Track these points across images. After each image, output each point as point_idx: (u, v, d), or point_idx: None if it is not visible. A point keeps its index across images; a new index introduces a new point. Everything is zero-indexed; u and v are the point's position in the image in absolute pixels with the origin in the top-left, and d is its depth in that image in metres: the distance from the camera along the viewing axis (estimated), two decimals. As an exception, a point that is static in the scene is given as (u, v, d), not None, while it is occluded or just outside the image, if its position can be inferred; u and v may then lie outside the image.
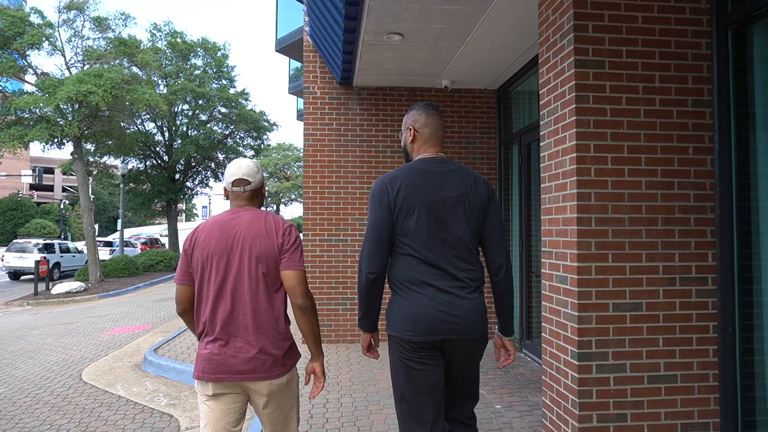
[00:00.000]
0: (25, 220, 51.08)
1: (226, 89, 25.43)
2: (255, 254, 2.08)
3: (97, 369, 5.86)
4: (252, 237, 2.10)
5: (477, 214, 2.13)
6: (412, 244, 2.07)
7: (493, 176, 6.70)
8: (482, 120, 6.74)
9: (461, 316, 2.03)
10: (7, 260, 19.72)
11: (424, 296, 2.03)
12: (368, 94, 6.58)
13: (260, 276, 2.08)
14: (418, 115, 2.26)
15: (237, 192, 2.22)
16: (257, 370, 2.05)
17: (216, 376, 2.05)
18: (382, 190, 2.10)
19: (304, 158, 6.51)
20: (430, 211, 2.07)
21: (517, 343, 6.02)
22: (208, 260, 2.09)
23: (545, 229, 3.15)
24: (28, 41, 15.08)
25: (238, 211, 2.19)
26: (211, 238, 2.11)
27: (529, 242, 5.87)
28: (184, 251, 2.17)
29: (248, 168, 2.23)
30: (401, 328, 2.05)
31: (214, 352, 2.05)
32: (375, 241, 2.09)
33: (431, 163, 2.16)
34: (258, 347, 2.05)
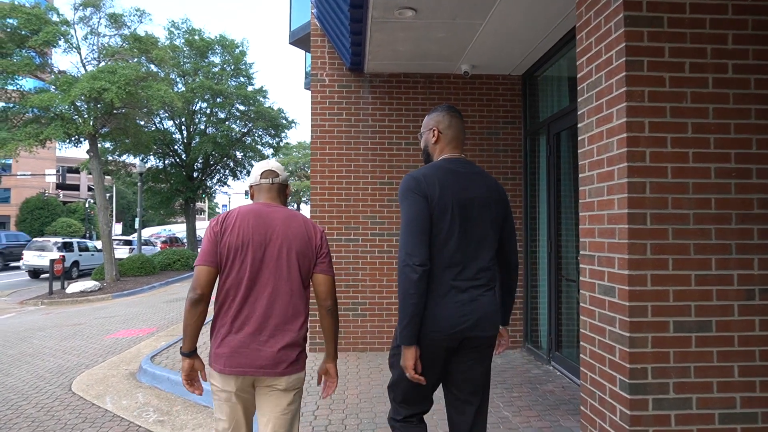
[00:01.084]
0: (52, 219, 51.96)
1: (243, 86, 25.20)
2: (295, 251, 2.08)
3: (89, 378, 5.48)
4: (293, 234, 2.10)
5: (498, 217, 2.18)
6: (440, 241, 2.05)
7: (517, 170, 6.12)
8: (506, 109, 6.16)
9: (480, 315, 2.05)
10: (26, 259, 19.78)
11: (446, 294, 2.03)
12: (381, 82, 6.06)
13: (295, 274, 2.08)
14: (441, 117, 2.27)
15: (265, 184, 2.22)
16: (284, 364, 2.04)
17: (241, 369, 2.02)
18: (418, 185, 2.07)
19: (312, 151, 6.03)
20: (461, 210, 2.08)
21: (545, 354, 5.44)
22: (243, 247, 2.04)
23: (585, 228, 2.59)
24: (43, 38, 14.95)
25: (273, 205, 2.17)
26: (247, 224, 2.07)
27: (559, 242, 5.28)
28: (213, 233, 2.07)
29: (276, 164, 2.29)
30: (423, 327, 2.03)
31: (239, 344, 2.01)
32: (420, 234, 2.02)
33: (458, 164, 2.18)
34: (285, 342, 2.04)
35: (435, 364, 2.09)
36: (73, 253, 20.36)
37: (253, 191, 2.27)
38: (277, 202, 2.23)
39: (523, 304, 6.05)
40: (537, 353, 5.66)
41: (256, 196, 2.26)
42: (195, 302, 2.01)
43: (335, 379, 2.25)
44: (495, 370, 5.13)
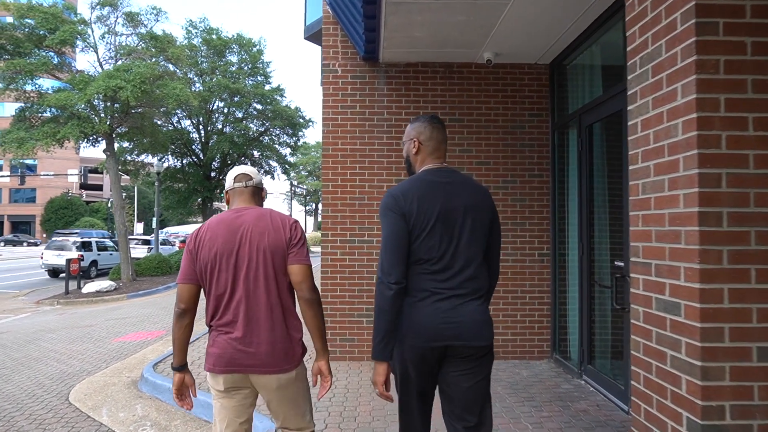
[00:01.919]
0: (76, 218, 52.78)
1: (261, 85, 25.03)
2: (264, 249, 2.11)
3: (89, 386, 5.19)
4: (260, 233, 2.12)
5: (484, 225, 2.16)
6: (422, 253, 2.08)
7: (544, 166, 5.66)
8: (532, 100, 5.71)
9: (463, 322, 2.05)
10: (46, 258, 19.87)
11: (428, 303, 2.06)
12: (397, 72, 5.66)
13: (270, 271, 2.11)
14: (422, 128, 2.27)
15: (239, 188, 2.27)
16: (268, 364, 2.08)
17: (227, 368, 2.08)
18: (396, 202, 2.10)
19: (323, 147, 5.65)
20: (443, 221, 2.09)
21: (575, 366, 4.98)
22: (217, 259, 2.11)
23: (636, 230, 2.16)
24: (60, 37, 14.90)
25: (242, 210, 2.20)
26: (217, 236, 2.12)
27: (591, 245, 4.82)
28: (188, 251, 2.16)
29: (249, 168, 2.33)
30: (404, 334, 2.06)
31: (225, 345, 2.08)
32: (396, 251, 2.06)
33: (439, 174, 2.17)
34: (269, 341, 2.09)
35: (422, 374, 2.11)
36: (92, 252, 20.40)
37: (229, 196, 2.31)
38: (251, 204, 2.26)
39: (550, 311, 5.59)
40: (566, 365, 5.21)
41: (232, 200, 2.30)
42: (179, 316, 2.13)
43: (329, 377, 2.24)
44: (521, 384, 4.70)
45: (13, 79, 14.83)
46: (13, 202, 61.63)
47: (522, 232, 5.63)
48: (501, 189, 5.62)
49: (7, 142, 15.05)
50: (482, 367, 2.13)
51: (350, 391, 4.48)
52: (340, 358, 5.46)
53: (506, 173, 5.64)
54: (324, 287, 5.52)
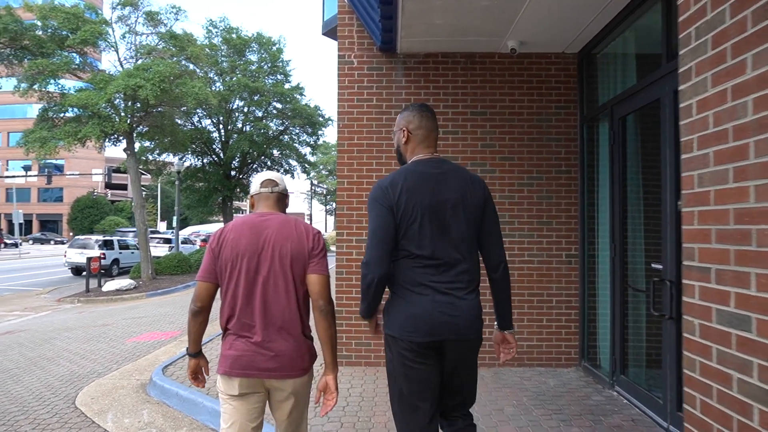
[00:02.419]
0: (101, 217, 53.68)
1: (280, 84, 24.98)
2: (286, 256, 2.13)
3: (98, 388, 5.05)
4: (283, 239, 2.15)
5: (475, 215, 2.13)
6: (414, 246, 2.07)
7: (572, 161, 5.33)
8: (559, 92, 5.38)
9: (460, 317, 2.04)
10: (69, 256, 20.11)
11: (424, 297, 2.05)
12: (416, 63, 5.38)
13: (290, 277, 2.13)
14: (412, 117, 2.24)
15: (265, 193, 2.29)
16: (284, 368, 2.10)
17: (244, 372, 2.09)
18: (384, 194, 2.08)
19: (338, 141, 5.41)
20: (432, 213, 2.06)
21: (606, 376, 4.64)
22: (238, 259, 2.13)
23: (691, 229, 1.85)
24: (81, 37, 14.99)
25: (268, 214, 2.23)
26: (241, 237, 2.14)
27: (624, 245, 4.47)
28: (211, 249, 2.18)
29: (275, 174, 2.36)
30: (401, 330, 2.07)
31: (243, 348, 2.09)
32: (381, 246, 2.06)
33: (428, 165, 2.15)
34: (286, 345, 2.11)
35: (426, 362, 2.08)
36: (114, 250, 20.57)
37: (253, 201, 2.33)
38: (275, 210, 2.29)
39: (578, 316, 5.26)
40: (596, 374, 4.87)
41: (256, 205, 2.32)
42: (195, 313, 2.18)
43: (335, 393, 2.20)
44: (548, 395, 4.38)
45: (35, 78, 14.95)
46: (42, 201, 63.08)
47: (548, 232, 5.31)
48: (526, 186, 5.31)
49: (30, 141, 15.21)
50: (474, 354, 2.18)
51: (365, 400, 4.22)
52: (355, 363, 5.21)
53: (531, 169, 5.33)
54: (339, 289, 5.28)
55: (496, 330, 2.34)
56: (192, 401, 4.29)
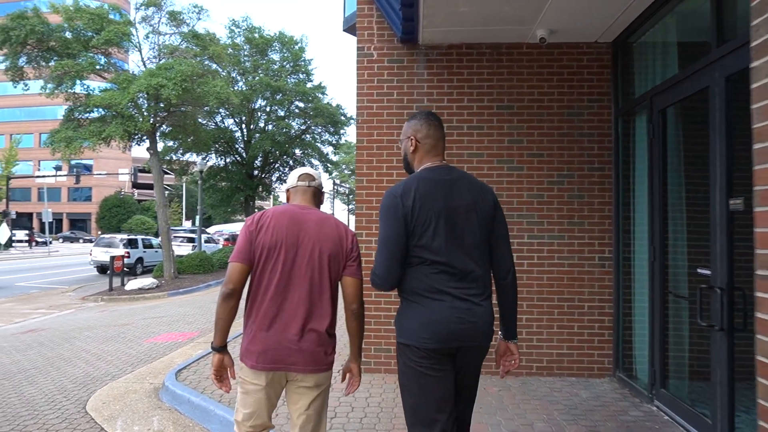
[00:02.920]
0: (128, 217, 54.65)
1: (302, 83, 24.93)
2: (325, 253, 2.14)
3: (110, 392, 4.92)
4: (325, 236, 2.16)
5: (487, 221, 2.13)
6: (428, 252, 2.05)
7: (606, 158, 4.99)
8: (591, 84, 5.05)
9: (477, 323, 2.05)
10: (94, 255, 20.38)
11: (442, 303, 2.03)
12: (438, 55, 5.12)
13: (326, 275, 2.14)
14: (419, 125, 2.24)
15: (302, 186, 2.30)
16: (312, 362, 2.10)
17: (272, 366, 2.08)
18: (396, 203, 2.07)
19: (357, 138, 5.18)
20: (446, 220, 2.06)
21: (644, 389, 4.31)
22: (276, 247, 2.10)
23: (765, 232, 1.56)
24: (105, 37, 15.10)
25: (307, 208, 2.22)
26: (282, 225, 2.12)
27: (665, 247, 4.13)
28: (249, 231, 2.13)
29: (312, 170, 2.37)
30: (417, 337, 2.04)
31: (271, 341, 2.07)
32: (391, 256, 2.04)
33: (439, 172, 2.15)
34: (316, 340, 2.11)
35: (442, 371, 2.05)
36: (138, 249, 20.78)
37: (290, 194, 2.34)
38: (311, 205, 2.28)
39: (612, 323, 4.92)
40: (632, 386, 4.54)
41: (292, 198, 2.31)
42: (227, 296, 2.08)
43: (358, 377, 2.33)
44: (581, 409, 4.08)
45: (61, 79, 15.12)
46: (72, 200, 64.61)
47: (580, 233, 4.98)
48: (556, 184, 4.99)
49: (56, 141, 15.40)
50: (483, 358, 2.18)
51: (384, 411, 3.98)
52: (374, 369, 4.98)
53: (562, 166, 5.01)
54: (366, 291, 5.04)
55: (500, 340, 2.32)
56: (203, 409, 4.11)
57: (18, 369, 6.13)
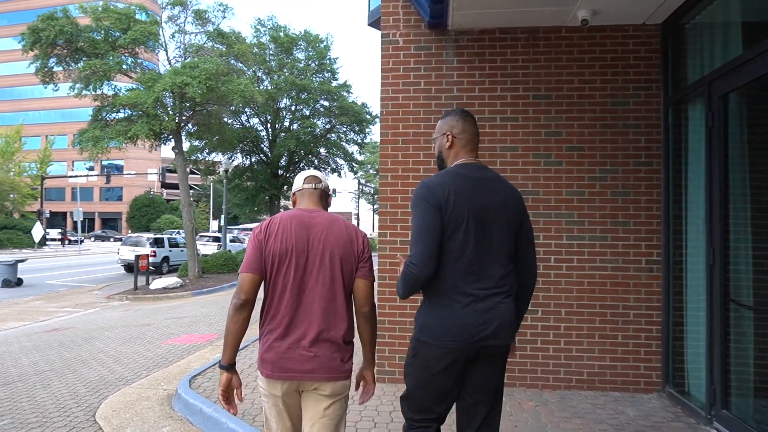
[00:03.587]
0: (157, 216, 55.58)
1: (327, 82, 24.75)
2: (336, 257, 2.09)
3: (122, 399, 4.70)
4: (335, 239, 2.10)
5: (516, 222, 2.14)
6: (457, 250, 2.04)
7: (654, 151, 4.54)
8: (638, 70, 4.60)
9: (500, 324, 2.04)
10: (122, 254, 20.56)
11: (465, 303, 2.03)
12: (469, 40, 4.74)
13: (339, 279, 2.09)
14: (455, 121, 2.25)
15: (308, 189, 2.25)
16: (327, 370, 2.06)
17: (287, 375, 2.04)
18: (432, 193, 2.06)
19: (381, 130, 4.85)
20: (477, 217, 2.06)
21: (701, 408, 3.85)
22: (287, 254, 2.06)
23: None
24: (131, 36, 15.14)
25: (314, 211, 2.18)
26: (291, 231, 2.08)
27: (726, 250, 3.67)
28: (258, 240, 2.10)
29: (318, 172, 2.33)
30: (440, 337, 2.04)
31: (285, 350, 2.04)
32: (430, 244, 2.01)
33: (472, 169, 2.16)
34: (331, 347, 2.07)
35: (452, 373, 2.08)
36: (164, 248, 20.86)
37: (296, 198, 2.29)
38: (319, 207, 2.23)
39: (661, 333, 4.47)
40: (685, 403, 4.08)
41: (299, 202, 2.26)
42: (239, 308, 2.03)
43: (372, 385, 2.27)
44: (629, 429, 3.65)
45: (89, 79, 15.21)
46: (104, 200, 66.12)
47: (624, 234, 4.54)
48: (598, 180, 4.57)
49: (84, 140, 15.53)
50: (504, 362, 2.18)
51: (409, 428, 3.63)
52: (398, 380, 4.62)
53: (604, 161, 4.58)
54: (381, 296, 4.72)
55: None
56: (215, 420, 3.83)
57: (34, 371, 6.00)
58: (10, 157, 40.31)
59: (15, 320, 10.63)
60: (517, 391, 4.47)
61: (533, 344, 4.57)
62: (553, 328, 4.58)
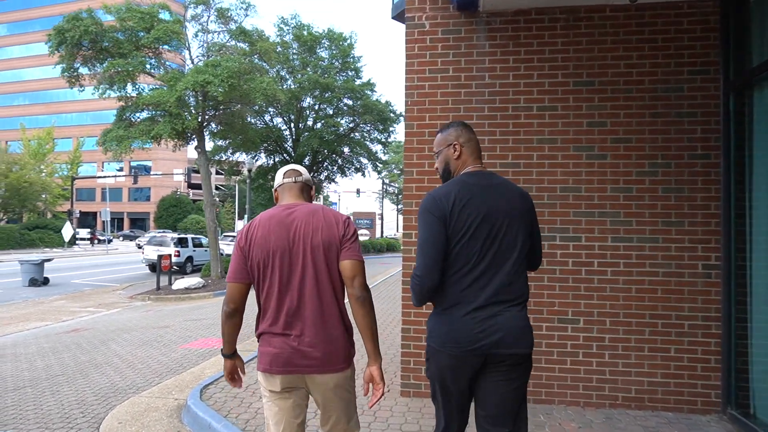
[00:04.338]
0: (183, 216, 56.20)
1: (351, 80, 24.48)
2: (318, 247, 2.10)
3: (129, 409, 4.42)
4: (313, 229, 2.10)
5: (525, 227, 2.15)
6: (463, 259, 2.06)
7: (712, 143, 4.05)
8: (693, 52, 4.11)
9: (503, 329, 2.04)
10: (146, 253, 20.62)
11: (465, 311, 2.04)
12: (502, 23, 4.32)
13: (323, 267, 2.09)
14: (460, 131, 2.27)
15: (288, 183, 2.25)
16: (326, 363, 2.07)
17: (284, 369, 2.06)
18: (436, 205, 2.08)
19: (406, 122, 4.46)
20: (485, 225, 2.07)
21: None
22: (270, 256, 2.08)
23: None
24: (154, 35, 15.09)
25: (293, 206, 2.18)
26: (269, 234, 2.10)
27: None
28: (240, 248, 2.13)
29: (298, 166, 2.35)
30: (443, 343, 2.07)
31: (281, 345, 2.06)
32: (433, 257, 2.04)
33: (479, 177, 2.17)
34: (327, 340, 2.08)
35: (459, 381, 2.09)
36: (188, 248, 20.88)
37: (278, 194, 2.29)
38: (300, 200, 2.23)
39: (721, 346, 3.97)
40: (751, 427, 3.59)
41: (281, 197, 2.27)
42: (229, 315, 2.13)
43: (381, 384, 2.14)
44: (690, 460, 3.19)
45: (112, 79, 15.21)
46: (132, 200, 67.35)
47: (678, 235, 4.06)
48: (648, 175, 4.10)
49: (108, 140, 15.56)
50: (521, 375, 2.12)
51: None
52: (424, 394, 4.23)
53: (655, 154, 4.11)
54: (406, 303, 4.34)
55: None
56: None
57: (47, 375, 5.80)
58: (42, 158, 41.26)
59: (37, 320, 10.60)
60: (556, 409, 4.04)
61: (574, 357, 4.13)
62: (596, 340, 4.12)
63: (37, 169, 40.12)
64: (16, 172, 37.49)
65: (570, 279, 4.16)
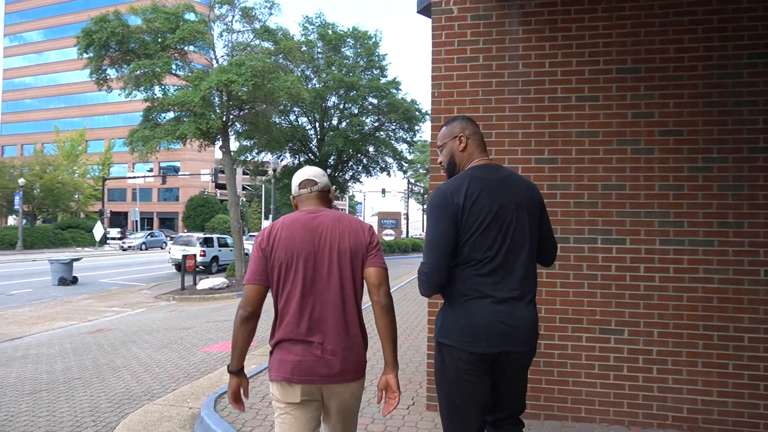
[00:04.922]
0: (211, 216, 56.83)
1: (376, 79, 24.24)
2: (345, 252, 2.06)
3: (142, 418, 4.22)
4: (340, 235, 2.08)
5: (535, 220, 2.15)
6: (476, 252, 2.04)
7: (776, 135, 3.63)
8: (754, 33, 3.69)
9: (519, 327, 2.04)
10: (173, 253, 20.77)
11: (484, 307, 2.03)
12: (537, 6, 3.97)
13: (348, 274, 2.07)
14: (464, 124, 2.26)
15: (304, 194, 2.20)
16: (348, 372, 2.03)
17: (307, 378, 1.99)
18: (446, 201, 2.07)
19: (432, 115, 4.15)
20: (496, 218, 2.06)
21: None
22: (294, 258, 2.02)
23: None
24: (179, 36, 15.12)
25: (317, 210, 2.15)
26: (294, 236, 2.05)
27: None
28: (261, 250, 2.06)
29: (314, 171, 2.26)
30: (459, 339, 2.04)
31: (305, 353, 1.99)
32: (441, 255, 2.05)
33: (487, 171, 2.16)
34: (350, 349, 2.04)
35: (475, 378, 2.05)
36: (213, 248, 20.94)
37: (296, 202, 2.24)
38: (321, 207, 2.18)
39: (786, 363, 3.55)
40: (824, 456, 3.17)
41: (300, 205, 2.22)
42: (245, 319, 2.01)
43: (397, 392, 2.09)
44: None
45: (138, 79, 15.30)
46: (162, 200, 68.56)
47: (736, 238, 3.65)
48: (701, 171, 3.69)
49: (135, 140, 15.66)
50: (529, 363, 2.15)
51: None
52: (453, 409, 3.91)
53: (709, 147, 3.70)
54: (432, 309, 4.03)
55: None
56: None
57: (65, 378, 5.69)
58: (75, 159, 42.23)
59: (63, 319, 10.65)
60: (598, 428, 3.68)
61: (618, 371, 3.76)
62: (643, 353, 3.74)
63: (70, 170, 41.10)
64: (50, 173, 38.48)
65: (613, 286, 3.79)
